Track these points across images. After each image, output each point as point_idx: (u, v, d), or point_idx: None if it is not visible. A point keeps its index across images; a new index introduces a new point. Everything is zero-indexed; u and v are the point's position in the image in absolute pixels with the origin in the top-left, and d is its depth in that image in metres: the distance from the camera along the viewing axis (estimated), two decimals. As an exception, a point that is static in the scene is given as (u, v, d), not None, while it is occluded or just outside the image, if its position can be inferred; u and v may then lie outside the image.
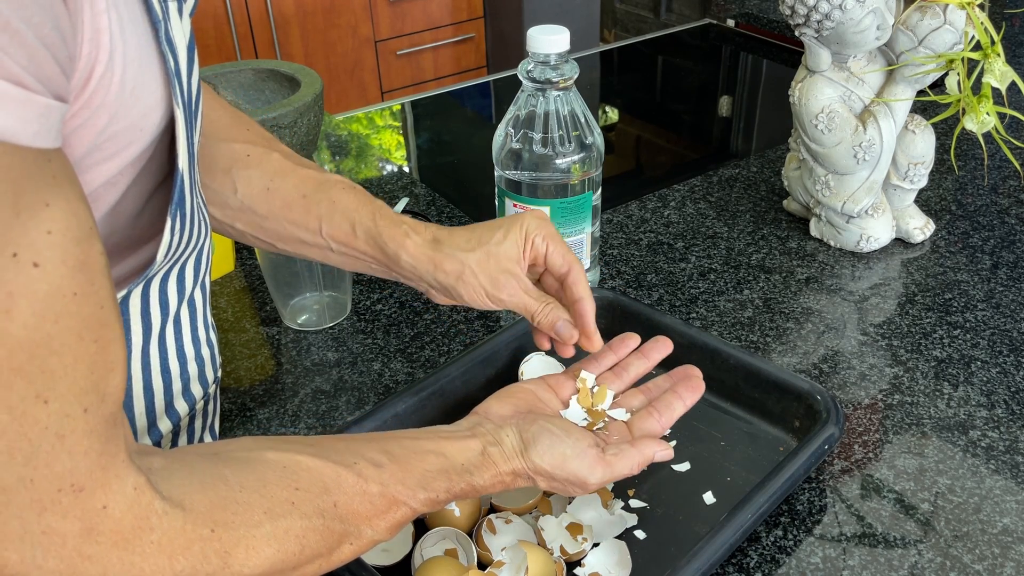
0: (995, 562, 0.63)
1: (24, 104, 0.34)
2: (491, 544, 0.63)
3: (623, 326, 0.82)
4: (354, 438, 0.54)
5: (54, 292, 0.35)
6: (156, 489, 0.41)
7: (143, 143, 0.45)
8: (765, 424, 0.74)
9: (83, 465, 0.38)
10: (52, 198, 0.35)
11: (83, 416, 0.37)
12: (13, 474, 0.36)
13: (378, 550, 0.63)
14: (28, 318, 0.35)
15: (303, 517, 0.46)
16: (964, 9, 0.83)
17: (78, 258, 0.36)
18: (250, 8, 2.52)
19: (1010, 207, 1.06)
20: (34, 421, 0.35)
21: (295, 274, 0.86)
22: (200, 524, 0.42)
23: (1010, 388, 0.78)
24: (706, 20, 1.87)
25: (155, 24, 0.44)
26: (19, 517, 0.36)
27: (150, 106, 0.44)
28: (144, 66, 0.43)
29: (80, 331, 0.37)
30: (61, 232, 0.36)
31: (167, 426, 0.57)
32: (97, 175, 0.44)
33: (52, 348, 0.36)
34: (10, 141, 0.33)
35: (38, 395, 0.35)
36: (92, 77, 0.40)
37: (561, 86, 0.81)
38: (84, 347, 0.37)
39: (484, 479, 0.56)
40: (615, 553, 0.63)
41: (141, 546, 0.40)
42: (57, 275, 0.35)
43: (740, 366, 0.74)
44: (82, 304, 0.37)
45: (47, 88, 0.35)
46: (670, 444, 0.62)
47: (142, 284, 0.51)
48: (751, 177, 1.15)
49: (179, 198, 0.48)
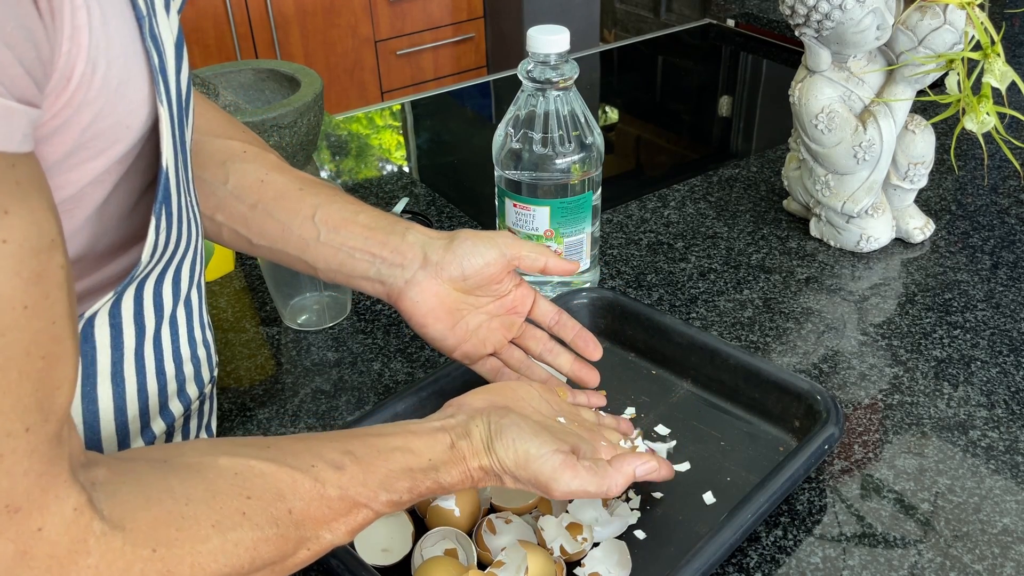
0: (995, 562, 0.63)
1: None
2: (491, 544, 0.63)
3: (623, 326, 0.82)
4: (316, 437, 0.52)
5: (3, 304, 0.34)
6: (97, 509, 0.39)
7: (130, 140, 0.44)
8: (765, 424, 0.74)
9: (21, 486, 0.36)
10: (13, 205, 0.34)
11: (24, 435, 0.36)
12: None
13: (378, 550, 0.63)
14: None
15: (255, 528, 0.44)
16: (964, 9, 0.83)
17: (34, 270, 0.35)
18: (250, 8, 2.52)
19: (1010, 207, 1.06)
20: None
21: (295, 274, 0.86)
22: (140, 545, 0.40)
23: (1010, 388, 0.78)
24: (706, 20, 1.87)
25: (139, 20, 0.43)
26: None
27: (137, 103, 0.44)
28: (129, 63, 0.42)
29: (28, 346, 0.35)
30: (18, 242, 0.34)
31: (161, 427, 0.56)
32: (83, 174, 0.43)
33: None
34: None
35: None
36: (73, 75, 0.39)
37: (561, 86, 0.81)
38: (31, 363, 0.35)
39: (452, 476, 0.54)
40: (615, 553, 0.62)
41: (77, 570, 0.38)
42: (8, 286, 0.34)
43: (740, 366, 0.74)
44: (32, 318, 0.35)
45: (9, 91, 0.34)
46: (659, 458, 0.61)
47: (134, 286, 0.50)
48: (751, 177, 1.15)
49: (164, 196, 0.47)
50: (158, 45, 0.45)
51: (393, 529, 0.64)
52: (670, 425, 0.74)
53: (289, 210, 0.66)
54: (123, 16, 0.42)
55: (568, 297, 0.83)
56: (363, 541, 0.63)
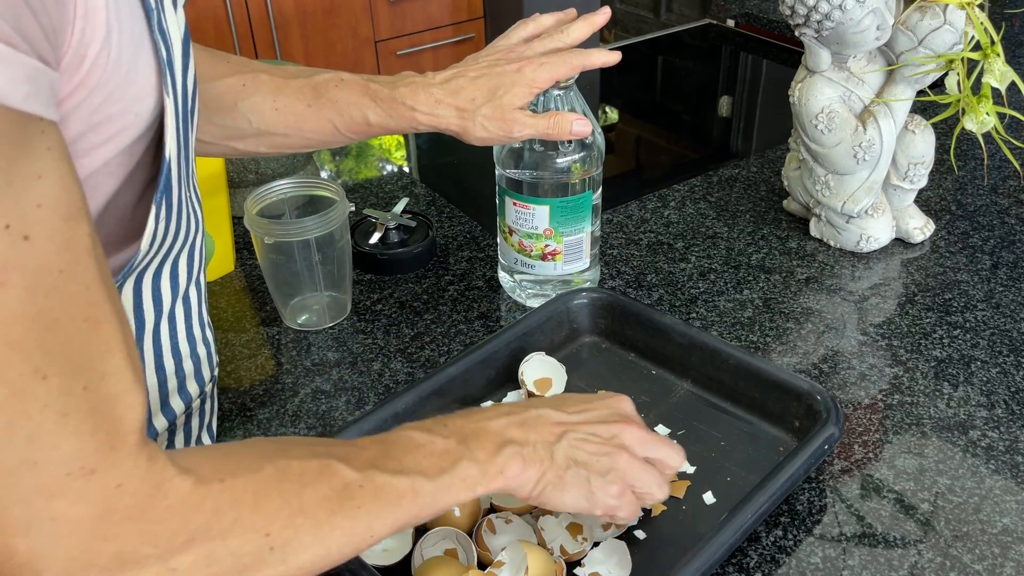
0: (995, 562, 0.63)
1: (13, 63, 0.33)
2: (491, 544, 0.63)
3: (623, 326, 0.82)
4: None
5: (43, 267, 0.35)
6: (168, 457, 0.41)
7: (137, 129, 0.45)
8: (765, 424, 0.74)
9: (91, 445, 0.37)
10: (45, 171, 0.35)
11: (83, 393, 0.37)
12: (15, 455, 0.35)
13: (378, 550, 0.63)
14: (21, 291, 0.34)
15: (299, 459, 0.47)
16: (964, 9, 0.83)
17: (65, 236, 0.36)
18: (250, 8, 2.52)
19: (1010, 207, 1.06)
20: (34, 397, 0.35)
21: (295, 274, 0.86)
22: (211, 479, 0.42)
23: (1010, 388, 0.78)
24: (706, 20, 1.87)
25: (148, 12, 0.44)
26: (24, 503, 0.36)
27: (144, 91, 0.44)
28: (138, 52, 0.43)
29: (69, 309, 0.36)
30: (51, 207, 0.35)
31: (163, 423, 0.57)
32: (93, 160, 0.43)
33: (46, 323, 0.35)
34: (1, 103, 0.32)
35: (36, 370, 0.35)
36: (88, 54, 0.39)
37: (562, 85, 0.81)
38: (74, 325, 0.36)
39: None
40: (615, 553, 0.63)
41: (156, 513, 0.39)
42: (45, 251, 0.35)
43: (740, 366, 0.74)
44: (68, 282, 0.36)
45: (33, 49, 0.34)
46: None
47: (133, 277, 0.51)
48: (751, 177, 1.15)
49: (165, 186, 0.48)
50: (166, 39, 0.45)
51: None
52: (670, 425, 0.74)
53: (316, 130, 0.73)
54: (132, 6, 0.43)
55: (568, 297, 0.83)
56: None
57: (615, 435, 0.58)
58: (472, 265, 0.98)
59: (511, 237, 0.87)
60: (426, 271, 0.97)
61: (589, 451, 0.57)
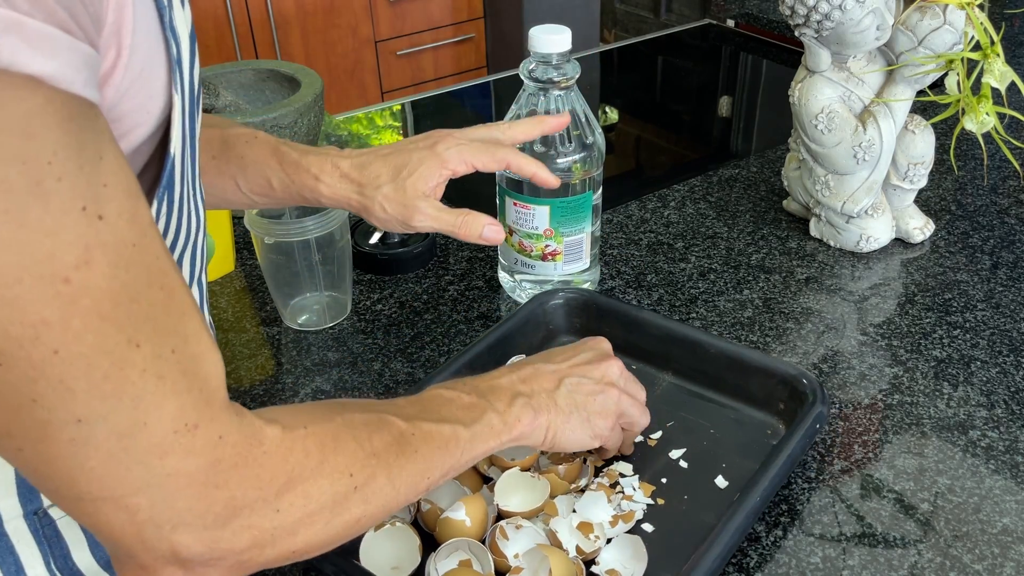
0: (995, 562, 0.63)
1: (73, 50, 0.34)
2: (505, 550, 0.62)
3: (599, 323, 0.82)
4: None
5: (119, 243, 0.37)
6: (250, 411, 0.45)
7: (149, 127, 0.45)
8: (750, 409, 0.75)
9: (190, 402, 0.39)
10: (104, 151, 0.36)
11: (173, 356, 0.39)
12: (127, 419, 0.37)
13: (387, 568, 0.62)
14: (105, 268, 0.36)
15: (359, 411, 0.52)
16: (964, 9, 0.83)
17: (131, 211, 0.38)
18: (250, 8, 2.52)
19: (1010, 207, 1.06)
20: (132, 364, 0.37)
21: (295, 274, 0.86)
22: (295, 427, 0.46)
23: (1010, 388, 0.78)
24: (706, 20, 1.87)
25: (160, 10, 0.44)
26: (142, 463, 0.38)
27: (157, 90, 0.45)
28: (152, 50, 0.44)
29: (147, 280, 0.38)
30: (115, 186, 0.37)
31: None
32: None
33: (130, 295, 0.37)
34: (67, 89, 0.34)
35: (130, 339, 0.37)
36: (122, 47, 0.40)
37: (563, 86, 0.81)
38: (154, 293, 0.38)
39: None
40: (629, 548, 0.63)
41: (256, 459, 0.43)
42: (118, 227, 0.37)
43: (721, 354, 0.76)
44: (142, 254, 0.38)
45: (86, 36, 0.35)
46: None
47: None
48: (751, 177, 1.15)
49: (168, 182, 0.48)
50: (176, 37, 0.46)
51: (399, 544, 0.63)
52: (657, 417, 0.74)
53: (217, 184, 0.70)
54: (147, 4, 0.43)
55: (543, 299, 0.83)
56: (371, 560, 0.62)
57: (604, 374, 0.66)
58: (472, 265, 0.98)
59: (511, 237, 0.87)
60: (426, 271, 0.97)
61: (585, 392, 0.64)
